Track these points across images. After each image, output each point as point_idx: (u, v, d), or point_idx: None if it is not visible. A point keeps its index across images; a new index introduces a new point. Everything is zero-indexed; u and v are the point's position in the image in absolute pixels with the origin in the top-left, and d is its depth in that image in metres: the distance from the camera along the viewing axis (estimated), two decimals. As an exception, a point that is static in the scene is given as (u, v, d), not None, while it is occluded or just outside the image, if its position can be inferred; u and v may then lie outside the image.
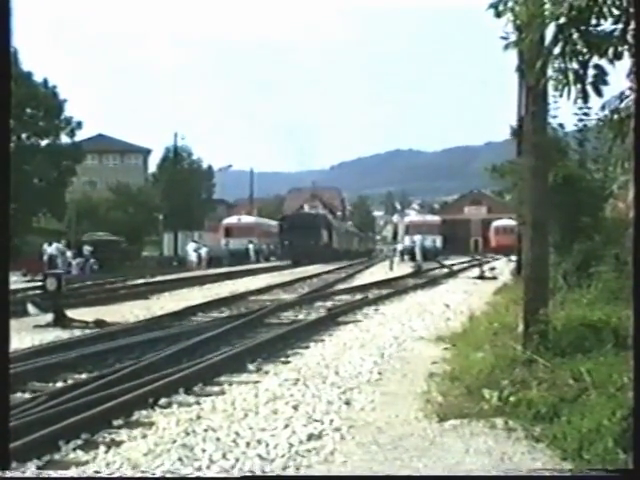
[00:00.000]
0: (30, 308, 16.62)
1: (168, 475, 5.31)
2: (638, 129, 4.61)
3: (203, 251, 49.16)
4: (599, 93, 5.41)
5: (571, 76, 5.37)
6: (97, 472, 5.45)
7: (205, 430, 6.46)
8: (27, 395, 8.14)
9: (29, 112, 47.56)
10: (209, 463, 5.58)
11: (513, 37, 6.08)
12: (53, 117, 48.88)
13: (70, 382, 8.85)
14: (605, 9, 5.15)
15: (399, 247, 56.50)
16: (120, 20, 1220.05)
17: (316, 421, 6.73)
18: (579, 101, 5.59)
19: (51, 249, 37.82)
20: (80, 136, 52.72)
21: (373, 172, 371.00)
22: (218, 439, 6.18)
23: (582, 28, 5.31)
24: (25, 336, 12.43)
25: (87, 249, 41.22)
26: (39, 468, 5.66)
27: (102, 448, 6.10)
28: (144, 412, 7.34)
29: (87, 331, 13.38)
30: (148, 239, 61.58)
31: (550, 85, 5.68)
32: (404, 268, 37.47)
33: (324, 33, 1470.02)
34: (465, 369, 8.23)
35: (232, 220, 61.32)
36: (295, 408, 7.25)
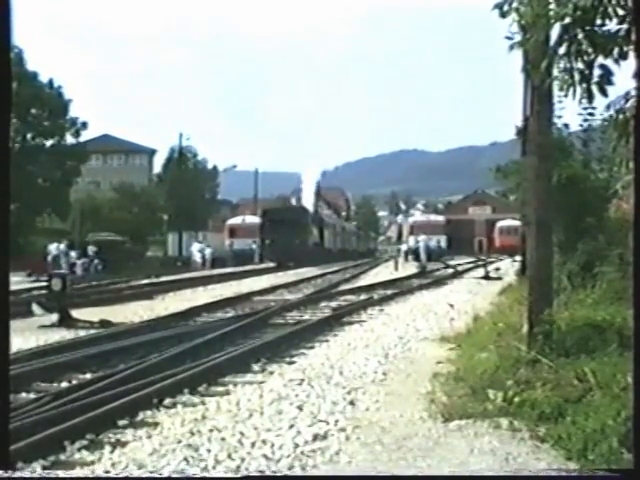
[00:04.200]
0: (35, 308, 16.64)
1: (175, 475, 5.32)
2: (638, 131, 4.61)
3: (207, 252, 49.17)
4: (604, 93, 5.41)
5: (576, 76, 5.37)
6: (107, 472, 5.45)
7: (210, 430, 6.47)
8: (32, 395, 8.15)
9: (34, 112, 47.61)
10: (214, 463, 5.59)
11: (518, 37, 6.08)
12: (58, 117, 48.95)
13: (75, 382, 8.86)
14: (610, 9, 5.15)
15: (403, 247, 56.34)
16: (125, 20, 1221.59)
17: (321, 421, 6.73)
18: (584, 101, 5.59)
19: (55, 249, 37.87)
20: (85, 136, 52.90)
21: (377, 172, 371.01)
22: (223, 439, 6.18)
23: (587, 28, 5.31)
24: (30, 336, 12.45)
25: (92, 249, 41.28)
26: (44, 468, 5.67)
27: (107, 448, 6.11)
28: (149, 412, 7.35)
29: (92, 331, 13.39)
30: (152, 239, 61.60)
31: (555, 85, 5.68)
32: (409, 268, 37.47)
33: (328, 32, 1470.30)
34: (469, 369, 8.24)
35: (236, 220, 60.55)
36: (300, 408, 7.25)
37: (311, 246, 48.51)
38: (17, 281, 25.69)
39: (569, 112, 13.29)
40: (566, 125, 14.68)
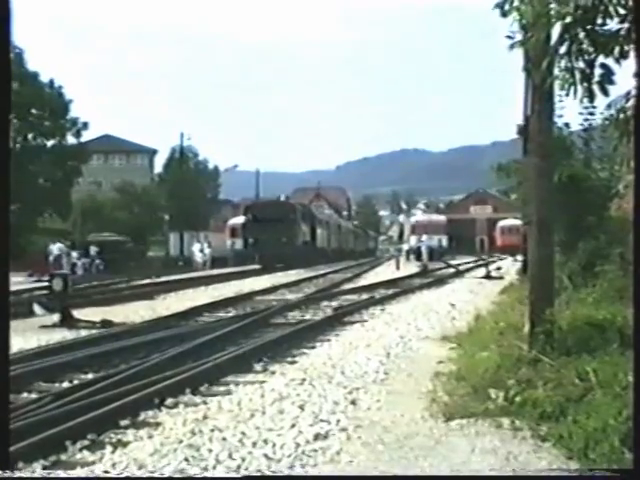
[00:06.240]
0: (36, 308, 16.66)
1: (176, 475, 5.32)
2: (638, 131, 4.61)
3: (207, 251, 49.20)
4: (605, 92, 5.41)
5: (577, 75, 5.37)
6: (106, 472, 5.45)
7: (211, 430, 6.46)
8: (33, 395, 8.15)
9: (35, 112, 47.71)
10: (215, 463, 5.58)
11: (519, 36, 6.09)
12: (59, 117, 49.01)
13: (76, 382, 8.85)
14: (611, 8, 5.16)
15: (405, 247, 56.37)
16: (125, 20, 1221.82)
17: (322, 421, 6.72)
18: (585, 100, 5.59)
19: (57, 250, 37.90)
20: (86, 136, 52.99)
21: (379, 172, 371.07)
22: (224, 439, 6.18)
23: (588, 27, 5.31)
24: (31, 336, 12.45)
25: (93, 249, 41.33)
26: (45, 468, 5.67)
27: (109, 448, 6.11)
28: (150, 412, 7.34)
29: (93, 331, 13.39)
30: (153, 239, 61.65)
31: (556, 84, 5.68)
32: (410, 268, 37.48)
33: (327, 32, 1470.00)
34: (471, 368, 8.22)
35: (238, 220, 60.11)
36: (301, 408, 7.24)
37: (300, 245, 44.62)
38: (18, 281, 25.70)
39: (570, 111, 13.30)
40: (567, 124, 14.70)
